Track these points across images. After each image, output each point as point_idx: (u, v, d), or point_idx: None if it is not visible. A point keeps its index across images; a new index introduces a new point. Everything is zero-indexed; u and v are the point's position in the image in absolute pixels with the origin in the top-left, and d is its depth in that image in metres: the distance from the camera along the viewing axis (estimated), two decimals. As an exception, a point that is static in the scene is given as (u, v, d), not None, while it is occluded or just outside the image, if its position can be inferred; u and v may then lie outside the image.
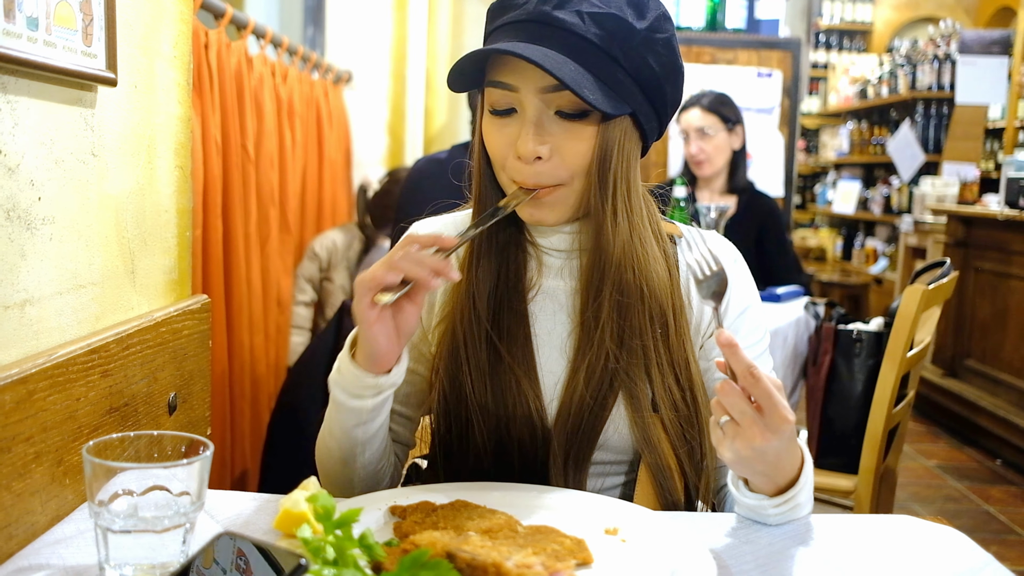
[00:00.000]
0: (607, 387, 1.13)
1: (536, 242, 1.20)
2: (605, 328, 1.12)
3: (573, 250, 1.19)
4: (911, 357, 2.20)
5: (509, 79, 1.07)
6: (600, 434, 1.14)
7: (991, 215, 4.54)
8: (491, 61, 1.10)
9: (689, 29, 4.78)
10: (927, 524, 1.04)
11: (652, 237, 1.16)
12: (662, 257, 1.16)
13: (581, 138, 1.08)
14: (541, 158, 1.07)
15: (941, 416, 4.93)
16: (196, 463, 0.84)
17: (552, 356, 1.18)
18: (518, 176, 1.09)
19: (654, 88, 1.09)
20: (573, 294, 1.18)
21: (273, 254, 2.92)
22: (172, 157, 1.33)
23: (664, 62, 1.09)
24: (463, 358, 1.16)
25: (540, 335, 1.18)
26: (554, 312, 1.19)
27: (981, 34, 6.33)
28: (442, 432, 1.21)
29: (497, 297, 1.17)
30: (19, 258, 0.96)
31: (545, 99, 1.07)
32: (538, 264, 1.20)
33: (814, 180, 9.44)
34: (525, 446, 1.15)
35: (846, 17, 9.57)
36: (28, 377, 0.94)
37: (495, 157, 1.13)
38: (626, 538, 0.94)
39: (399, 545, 0.88)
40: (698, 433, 1.15)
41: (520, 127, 1.08)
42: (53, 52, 0.98)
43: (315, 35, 3.88)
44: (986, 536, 3.38)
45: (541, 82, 1.05)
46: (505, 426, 1.15)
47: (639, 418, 1.13)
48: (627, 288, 1.12)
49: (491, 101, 1.11)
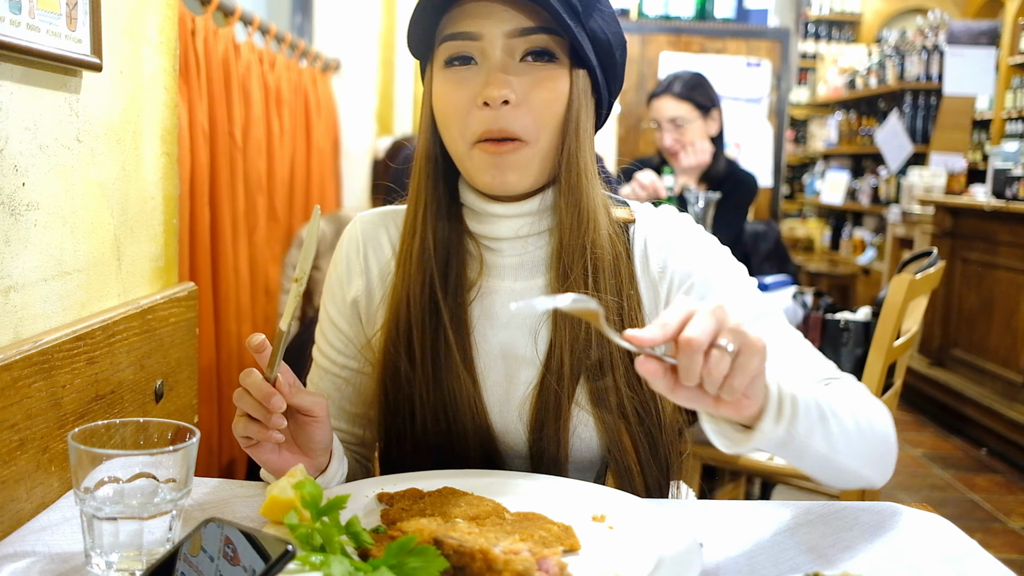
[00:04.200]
0: (574, 387, 1.09)
1: (483, 236, 1.13)
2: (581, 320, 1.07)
3: (536, 233, 1.12)
4: (898, 346, 2.21)
5: (471, 27, 1.03)
6: (568, 435, 1.10)
7: (978, 206, 4.56)
8: (446, 16, 1.05)
9: (678, 19, 4.78)
10: (912, 511, 1.05)
11: (607, 215, 1.12)
12: (616, 238, 1.11)
13: (549, 87, 1.04)
14: (508, 103, 1.02)
15: (927, 405, 4.96)
16: (182, 450, 0.84)
17: (512, 364, 1.12)
18: (482, 126, 1.03)
19: (607, 53, 1.08)
20: (528, 293, 1.12)
21: (260, 242, 2.90)
22: (158, 144, 1.32)
23: (614, 31, 1.09)
24: (404, 358, 1.11)
25: (495, 341, 1.13)
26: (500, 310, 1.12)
27: (969, 25, 6.34)
28: (388, 435, 1.17)
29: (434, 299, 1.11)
30: (3, 244, 0.96)
31: (512, 44, 1.03)
32: (479, 264, 1.14)
33: (802, 170, 9.45)
34: (468, 450, 1.12)
35: (835, 7, 9.57)
36: (12, 364, 0.93)
37: (452, 115, 1.05)
38: (613, 525, 0.94)
39: (386, 532, 0.89)
40: (659, 430, 1.12)
41: (484, 76, 1.03)
42: (36, 36, 0.97)
43: (303, 23, 3.85)
44: (971, 524, 3.41)
45: (509, 24, 1.02)
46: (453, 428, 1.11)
47: (605, 419, 1.09)
48: (596, 270, 1.07)
49: (447, 55, 1.06)
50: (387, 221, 1.21)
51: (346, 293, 1.20)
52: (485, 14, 1.03)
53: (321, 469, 1.03)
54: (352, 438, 1.23)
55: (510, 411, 1.13)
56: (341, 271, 1.21)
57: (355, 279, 1.20)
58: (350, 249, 1.20)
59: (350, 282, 1.20)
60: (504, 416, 1.13)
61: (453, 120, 1.06)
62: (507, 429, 1.13)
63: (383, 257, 1.19)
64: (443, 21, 1.06)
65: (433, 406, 1.12)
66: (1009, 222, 4.38)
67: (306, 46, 3.47)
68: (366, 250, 1.20)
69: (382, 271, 1.19)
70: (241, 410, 0.93)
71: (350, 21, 3.94)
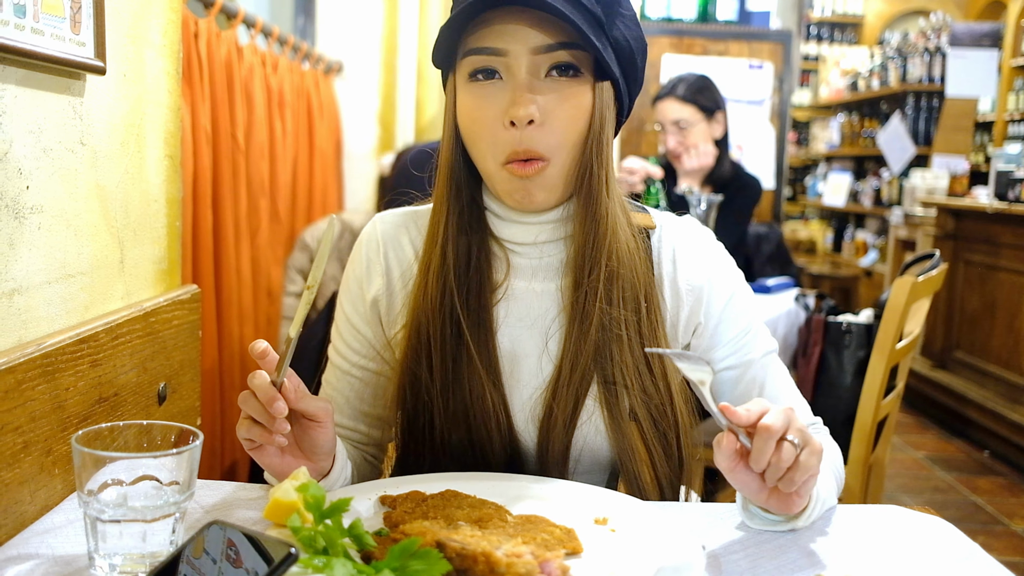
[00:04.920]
0: (585, 390, 1.10)
1: (505, 240, 1.14)
2: (594, 323, 1.08)
3: (554, 240, 1.13)
4: (900, 349, 2.21)
5: (496, 43, 1.03)
6: (573, 441, 1.11)
7: (980, 208, 4.56)
8: (471, 30, 1.05)
9: (681, 21, 4.78)
10: (914, 514, 1.05)
11: (627, 225, 1.12)
12: (636, 248, 1.12)
13: (573, 102, 1.04)
14: (534, 122, 1.02)
15: (930, 407, 4.96)
16: (186, 452, 0.84)
17: (525, 364, 1.13)
18: (507, 147, 1.04)
19: (629, 60, 1.08)
20: (545, 295, 1.14)
21: (263, 244, 2.91)
22: (161, 146, 1.32)
23: (636, 35, 1.09)
24: (424, 367, 1.12)
25: (510, 340, 1.13)
26: (527, 312, 1.14)
27: (971, 27, 6.34)
28: (406, 442, 1.18)
29: (454, 311, 1.11)
30: (7, 247, 0.96)
31: (537, 60, 1.03)
32: (506, 265, 1.14)
33: (805, 172, 9.46)
34: (491, 456, 1.12)
35: (837, 9, 9.58)
36: (16, 367, 0.93)
37: (479, 132, 1.06)
38: (616, 528, 0.95)
39: (389, 534, 0.89)
40: (675, 434, 1.12)
41: (510, 92, 1.03)
42: (41, 40, 0.98)
43: (306, 25, 3.86)
44: (973, 526, 3.41)
45: (534, 41, 1.02)
46: (473, 435, 1.12)
47: (616, 423, 1.10)
48: (613, 277, 1.09)
49: (471, 68, 1.06)
50: (408, 222, 1.21)
51: (365, 293, 1.19)
52: (511, 30, 1.02)
53: (323, 473, 1.03)
54: (366, 439, 1.23)
55: (523, 413, 1.13)
56: (360, 271, 1.20)
57: (375, 279, 1.19)
58: (370, 249, 1.20)
59: (370, 282, 1.19)
60: (517, 419, 1.13)
61: (481, 137, 1.06)
62: (519, 431, 1.13)
63: (405, 259, 1.19)
64: (467, 34, 1.06)
65: (453, 414, 1.11)
66: (1011, 224, 4.38)
67: (308, 48, 3.48)
68: (386, 250, 1.19)
69: (404, 273, 1.18)
70: (245, 412, 0.94)
71: (353, 23, 3.95)
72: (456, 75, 1.09)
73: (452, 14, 1.03)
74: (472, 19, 1.04)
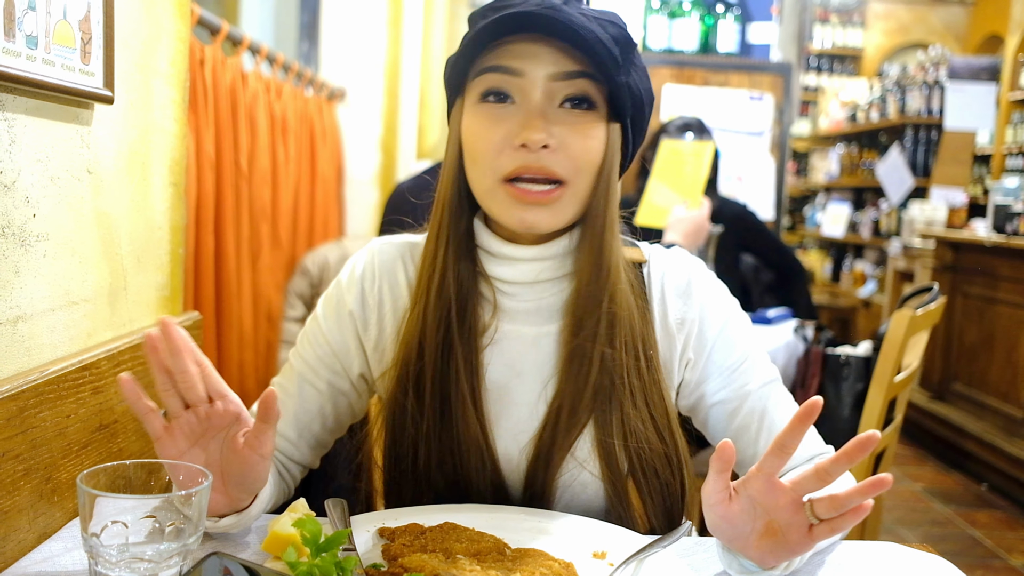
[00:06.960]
0: (575, 437, 1.07)
1: (495, 278, 1.11)
2: (593, 363, 1.06)
3: (555, 278, 1.10)
4: (899, 382, 2.21)
5: (515, 63, 1.01)
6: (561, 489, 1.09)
7: (979, 240, 4.58)
8: (489, 51, 1.03)
9: (682, 52, 4.82)
10: (913, 552, 1.05)
11: (627, 266, 1.11)
12: (633, 287, 1.11)
13: (587, 133, 1.02)
14: (547, 147, 1.00)
15: (928, 440, 4.95)
16: (195, 495, 0.82)
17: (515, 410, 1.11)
18: (515, 163, 1.01)
19: (638, 108, 1.07)
20: (541, 339, 1.11)
21: (264, 270, 2.91)
22: (167, 174, 1.33)
23: (647, 87, 1.08)
24: (409, 411, 1.09)
25: (500, 379, 1.11)
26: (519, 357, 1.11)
27: (970, 61, 6.40)
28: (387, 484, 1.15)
29: (448, 341, 1.08)
30: (13, 275, 0.96)
31: (552, 88, 1.02)
32: (493, 308, 1.11)
33: (804, 202, 9.49)
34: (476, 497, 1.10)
35: (837, 42, 9.65)
36: (19, 394, 0.94)
37: (483, 151, 1.03)
38: (614, 562, 0.95)
39: (388, 568, 0.89)
40: (679, 482, 1.10)
41: (523, 116, 1.01)
42: (51, 70, 0.99)
43: (310, 51, 3.89)
44: (971, 561, 3.39)
45: (553, 67, 1.01)
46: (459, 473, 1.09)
47: (612, 477, 1.07)
48: (614, 320, 1.06)
49: (485, 88, 1.04)
50: (404, 253, 1.18)
51: (355, 320, 1.16)
52: (530, 54, 1.01)
53: (237, 509, 0.96)
54: (298, 455, 1.18)
55: (512, 457, 1.11)
56: (352, 299, 1.16)
57: (369, 317, 1.16)
58: (365, 280, 1.17)
59: (364, 319, 1.16)
60: (507, 462, 1.11)
61: (483, 156, 1.03)
62: (508, 472, 1.12)
63: (399, 293, 1.16)
64: (484, 55, 1.04)
65: (439, 449, 1.09)
66: (1010, 257, 4.39)
67: (312, 75, 3.51)
68: (381, 284, 1.16)
69: (396, 305, 1.16)
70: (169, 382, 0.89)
71: (356, 50, 3.98)
72: (465, 98, 1.07)
73: (474, 31, 1.02)
74: (497, 38, 1.02)
